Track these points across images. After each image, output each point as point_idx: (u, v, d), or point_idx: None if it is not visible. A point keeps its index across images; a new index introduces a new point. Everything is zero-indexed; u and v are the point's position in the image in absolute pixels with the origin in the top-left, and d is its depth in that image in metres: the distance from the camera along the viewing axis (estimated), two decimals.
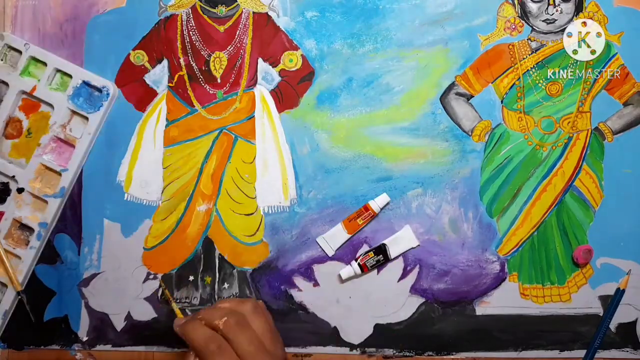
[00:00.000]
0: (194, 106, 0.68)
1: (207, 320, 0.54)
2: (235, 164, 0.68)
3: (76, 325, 0.68)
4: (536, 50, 0.66)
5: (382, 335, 0.67)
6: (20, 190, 0.68)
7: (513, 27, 0.66)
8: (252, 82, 0.68)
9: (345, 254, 0.67)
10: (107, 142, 0.68)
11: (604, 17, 0.66)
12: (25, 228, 0.68)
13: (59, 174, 0.68)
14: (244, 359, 0.51)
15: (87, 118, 0.67)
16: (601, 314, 0.66)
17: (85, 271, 0.68)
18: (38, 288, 0.68)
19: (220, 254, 0.68)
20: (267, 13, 0.68)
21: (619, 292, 0.65)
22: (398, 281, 0.67)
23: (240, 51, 0.68)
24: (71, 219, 0.68)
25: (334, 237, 0.67)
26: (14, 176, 0.68)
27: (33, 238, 0.67)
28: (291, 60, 0.68)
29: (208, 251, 0.68)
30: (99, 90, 0.68)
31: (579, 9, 0.66)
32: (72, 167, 0.67)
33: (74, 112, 0.68)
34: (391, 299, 0.67)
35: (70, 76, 0.68)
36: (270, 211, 0.67)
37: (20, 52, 0.68)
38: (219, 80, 0.68)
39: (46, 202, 0.67)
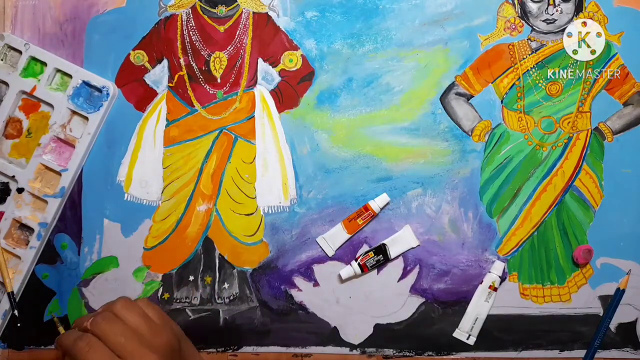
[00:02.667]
0: (194, 106, 0.68)
1: (78, 325, 0.54)
2: (235, 164, 0.68)
3: None
4: (536, 50, 0.66)
5: (382, 335, 0.67)
6: (20, 190, 0.68)
7: (513, 27, 0.66)
8: (252, 82, 0.68)
9: (345, 254, 0.67)
10: (107, 142, 0.68)
11: (604, 17, 0.66)
12: (25, 228, 0.68)
13: (59, 174, 0.68)
14: (116, 351, 0.50)
15: (87, 118, 0.67)
16: (601, 314, 0.66)
17: (85, 271, 0.68)
18: (38, 288, 0.68)
19: (220, 254, 0.68)
20: (267, 13, 0.68)
21: (619, 292, 0.65)
22: (398, 281, 0.67)
23: (240, 51, 0.68)
24: (71, 219, 0.68)
25: (334, 237, 0.67)
26: (13, 176, 0.68)
27: (33, 238, 0.67)
28: (291, 60, 0.68)
29: (208, 251, 0.68)
30: (99, 90, 0.68)
31: (579, 9, 0.66)
32: (72, 167, 0.67)
33: (74, 112, 0.68)
34: (391, 299, 0.67)
35: (70, 76, 0.68)
36: (270, 211, 0.67)
37: (20, 52, 0.68)
38: (219, 80, 0.68)
39: (46, 202, 0.67)
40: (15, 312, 0.67)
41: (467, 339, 0.66)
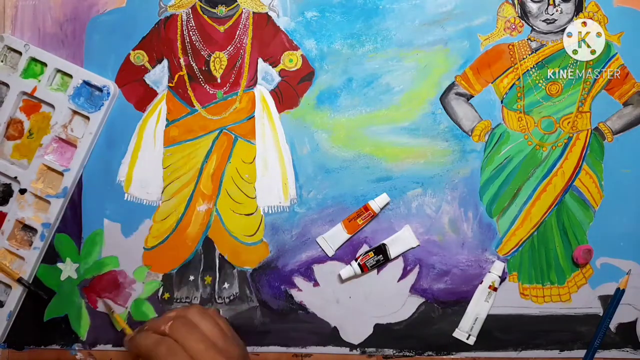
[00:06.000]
0: (194, 106, 0.68)
1: (154, 329, 0.54)
2: (235, 164, 0.68)
3: (76, 325, 0.68)
4: (536, 50, 0.66)
5: (382, 335, 0.67)
6: (22, 191, 0.68)
7: (513, 27, 0.66)
8: (252, 82, 0.68)
9: (345, 254, 0.67)
10: (107, 142, 0.68)
11: (604, 17, 0.66)
12: (28, 229, 0.68)
13: (61, 174, 0.68)
14: (194, 357, 0.51)
15: (88, 118, 0.67)
16: (601, 314, 0.66)
17: (85, 271, 0.68)
18: (38, 288, 0.68)
19: (220, 254, 0.68)
20: (267, 13, 0.68)
21: (619, 292, 0.65)
22: (398, 281, 0.67)
23: (240, 51, 0.68)
24: (71, 219, 0.68)
25: (334, 237, 0.67)
26: (16, 177, 0.68)
27: (36, 239, 0.67)
28: (291, 60, 0.68)
29: (208, 251, 0.68)
30: (100, 89, 0.68)
31: (579, 9, 0.66)
32: (74, 167, 0.67)
33: (75, 112, 0.68)
34: (391, 299, 0.67)
35: (70, 76, 0.68)
36: (270, 211, 0.68)
37: (20, 53, 0.68)
38: (219, 80, 0.68)
39: (49, 202, 0.67)
40: (32, 288, 0.67)
41: (467, 339, 0.66)
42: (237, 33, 0.68)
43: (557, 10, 0.66)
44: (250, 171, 0.68)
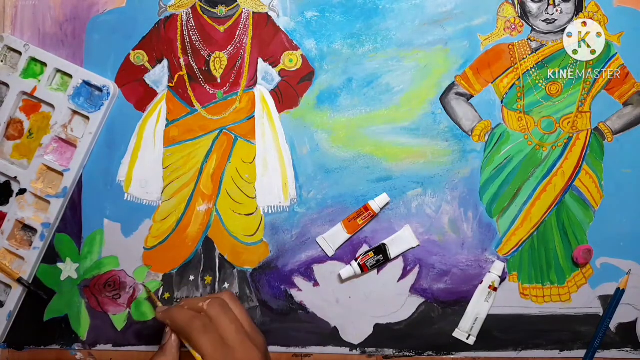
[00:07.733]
0: (194, 106, 0.68)
1: (190, 305, 0.56)
2: (235, 164, 0.68)
3: (76, 325, 0.68)
4: (536, 50, 0.66)
5: (382, 335, 0.67)
6: (22, 191, 0.68)
7: (513, 27, 0.66)
8: (252, 82, 0.68)
9: (345, 254, 0.67)
10: (107, 142, 0.68)
11: (604, 17, 0.66)
12: (28, 229, 0.68)
13: (61, 174, 0.68)
14: (226, 338, 0.53)
15: (88, 118, 0.67)
16: (601, 314, 0.66)
17: (85, 271, 0.68)
18: (38, 288, 0.68)
19: (220, 254, 0.68)
20: (267, 13, 0.68)
21: (619, 292, 0.65)
22: (398, 281, 0.67)
23: (240, 51, 0.68)
24: (71, 219, 0.68)
25: (334, 237, 0.67)
26: (16, 177, 0.68)
27: (36, 239, 0.67)
28: (291, 60, 0.68)
29: (208, 251, 0.68)
30: (100, 89, 0.68)
31: (579, 9, 0.66)
32: (74, 167, 0.67)
33: (75, 112, 0.68)
34: (391, 299, 0.67)
35: (70, 76, 0.68)
36: (270, 211, 0.68)
37: (20, 53, 0.68)
38: (219, 80, 0.68)
39: (49, 202, 0.67)
40: (32, 288, 0.67)
41: (467, 338, 0.66)
42: (237, 33, 0.68)
43: (557, 10, 0.66)
44: (250, 171, 0.68)
